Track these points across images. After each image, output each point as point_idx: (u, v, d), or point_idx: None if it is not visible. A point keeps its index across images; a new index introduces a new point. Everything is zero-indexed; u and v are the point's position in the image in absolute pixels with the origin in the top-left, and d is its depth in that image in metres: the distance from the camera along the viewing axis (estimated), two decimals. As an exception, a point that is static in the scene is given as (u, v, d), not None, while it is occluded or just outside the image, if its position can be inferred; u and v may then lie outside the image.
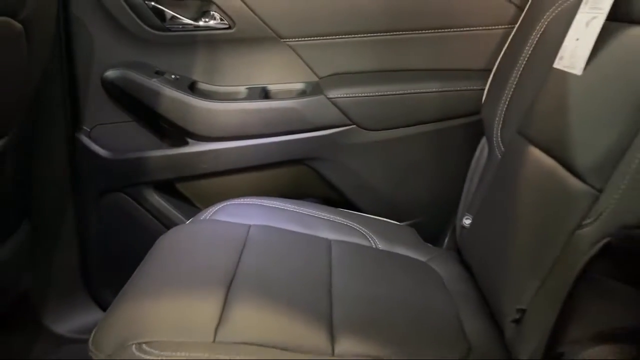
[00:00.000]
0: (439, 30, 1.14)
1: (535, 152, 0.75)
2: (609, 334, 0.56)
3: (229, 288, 0.71)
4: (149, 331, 0.63)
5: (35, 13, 0.82)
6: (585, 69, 0.70)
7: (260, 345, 0.63)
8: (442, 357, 0.67)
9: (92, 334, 0.67)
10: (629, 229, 0.51)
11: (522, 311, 0.64)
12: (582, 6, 0.76)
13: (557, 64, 0.78)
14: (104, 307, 1.27)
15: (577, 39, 0.75)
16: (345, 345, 0.65)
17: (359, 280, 0.80)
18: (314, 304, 0.72)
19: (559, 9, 0.86)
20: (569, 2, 0.84)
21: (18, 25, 0.79)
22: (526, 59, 0.91)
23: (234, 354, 0.61)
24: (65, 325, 1.23)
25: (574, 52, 0.75)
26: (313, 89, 1.18)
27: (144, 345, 0.61)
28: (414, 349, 0.67)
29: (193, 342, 0.62)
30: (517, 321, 0.64)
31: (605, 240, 0.53)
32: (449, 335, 0.71)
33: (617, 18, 0.68)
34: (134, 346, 0.61)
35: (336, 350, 0.64)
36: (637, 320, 0.55)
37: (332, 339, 0.66)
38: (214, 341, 0.63)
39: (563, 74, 0.75)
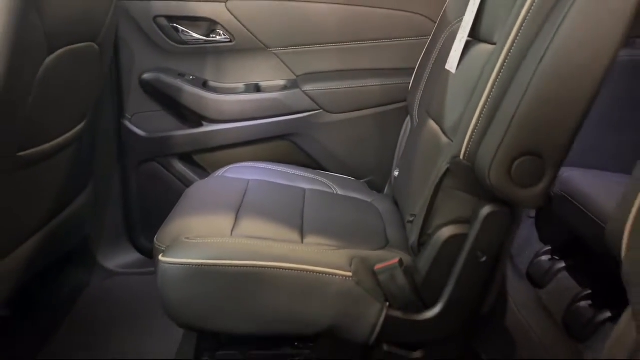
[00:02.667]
0: (380, 41, 1.47)
1: (430, 122, 1.13)
2: (455, 220, 0.94)
3: (238, 211, 1.08)
4: (191, 231, 0.99)
5: (105, 37, 1.17)
6: (456, 69, 1.09)
7: (257, 237, 0.99)
8: (370, 245, 1.03)
9: (156, 237, 1.02)
10: (455, 157, 0.91)
11: (413, 215, 1.04)
12: (460, 28, 1.16)
13: (447, 66, 1.16)
14: (139, 249, 1.59)
15: (455, 50, 1.15)
16: (310, 239, 1.02)
17: (321, 209, 1.17)
18: (291, 220, 1.08)
19: (452, 29, 1.23)
20: (457, 25, 1.22)
21: (96, 47, 1.13)
22: (433, 61, 1.28)
23: (242, 240, 0.97)
24: (113, 262, 1.56)
25: (453, 58, 1.14)
26: (292, 84, 1.50)
27: (190, 237, 0.97)
28: (352, 241, 1.03)
29: (218, 235, 0.99)
30: (410, 222, 1.05)
31: (447, 166, 0.94)
32: (376, 236, 1.09)
33: (474, 37, 1.07)
34: (183, 237, 0.98)
35: (304, 241, 1.01)
36: (469, 211, 0.94)
37: (302, 236, 1.03)
38: (230, 235, 0.99)
39: (448, 72, 1.13)
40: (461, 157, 0.89)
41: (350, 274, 0.93)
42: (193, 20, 1.44)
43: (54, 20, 0.93)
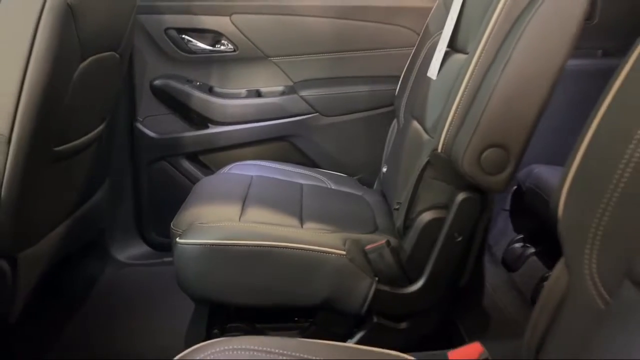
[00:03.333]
0: (368, 51, 1.60)
1: (414, 122, 1.27)
2: (434, 206, 1.08)
3: (244, 201, 1.21)
4: (203, 217, 1.12)
5: (124, 47, 1.30)
6: (436, 76, 1.23)
7: (262, 223, 1.12)
8: (362, 230, 1.17)
9: (172, 223, 1.14)
10: (434, 151, 1.05)
11: (399, 203, 1.18)
12: (440, 40, 1.30)
13: (428, 73, 1.30)
14: (148, 242, 1.70)
15: (436, 59, 1.29)
16: (308, 224, 1.16)
17: (317, 200, 1.30)
18: (291, 208, 1.21)
19: (433, 41, 1.38)
20: (437, 37, 1.37)
21: (117, 56, 1.26)
22: (417, 69, 1.43)
23: (249, 224, 1.11)
24: (123, 254, 1.67)
25: (433, 66, 1.28)
26: (290, 90, 1.62)
27: (203, 222, 1.11)
28: (346, 226, 1.16)
29: (228, 220, 1.12)
30: (396, 209, 1.19)
31: (427, 159, 1.08)
32: (366, 222, 1.22)
33: (451, 47, 1.20)
34: (197, 223, 1.11)
35: (303, 226, 1.15)
36: (446, 198, 1.08)
37: (301, 222, 1.16)
38: (239, 221, 1.13)
39: (429, 79, 1.26)
40: (439, 150, 1.03)
41: (344, 252, 1.07)
42: (200, 32, 1.57)
43: (87, 31, 1.07)
